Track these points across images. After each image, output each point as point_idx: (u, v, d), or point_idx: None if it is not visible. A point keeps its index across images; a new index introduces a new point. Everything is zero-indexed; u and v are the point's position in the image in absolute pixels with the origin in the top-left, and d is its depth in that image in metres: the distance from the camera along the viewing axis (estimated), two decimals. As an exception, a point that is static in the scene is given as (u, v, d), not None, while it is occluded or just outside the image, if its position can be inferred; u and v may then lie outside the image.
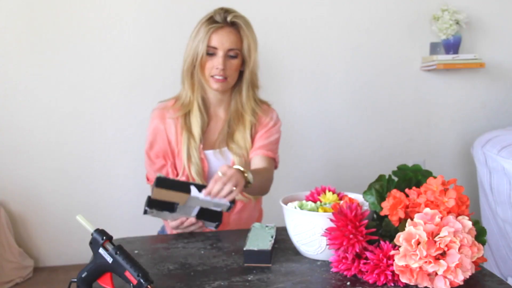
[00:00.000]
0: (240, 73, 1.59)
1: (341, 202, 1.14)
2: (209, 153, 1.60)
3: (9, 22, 2.70)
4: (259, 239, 1.17)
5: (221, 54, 1.50)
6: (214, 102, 1.62)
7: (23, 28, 2.71)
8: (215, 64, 1.50)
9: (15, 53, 2.72)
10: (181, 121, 1.58)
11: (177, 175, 1.59)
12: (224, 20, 1.52)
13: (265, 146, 1.63)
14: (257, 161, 1.60)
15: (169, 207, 1.34)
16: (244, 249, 1.13)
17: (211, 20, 1.52)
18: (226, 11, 1.53)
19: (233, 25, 1.53)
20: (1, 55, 2.71)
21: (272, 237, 1.19)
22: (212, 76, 1.52)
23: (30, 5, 2.68)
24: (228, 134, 1.60)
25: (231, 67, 1.52)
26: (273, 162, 1.66)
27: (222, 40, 1.50)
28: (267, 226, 1.28)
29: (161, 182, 1.30)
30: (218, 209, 1.34)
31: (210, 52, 1.51)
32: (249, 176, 1.41)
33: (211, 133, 1.61)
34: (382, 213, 1.01)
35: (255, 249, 1.11)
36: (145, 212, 1.37)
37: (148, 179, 1.68)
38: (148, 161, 1.63)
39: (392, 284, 0.96)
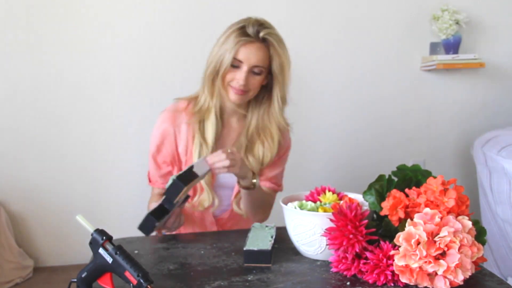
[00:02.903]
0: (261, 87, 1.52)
1: (341, 202, 1.14)
2: None
3: (9, 21, 2.70)
4: (259, 239, 1.17)
5: (245, 69, 1.41)
6: (229, 111, 1.55)
7: (24, 27, 2.71)
8: (237, 77, 1.43)
9: (13, 53, 2.72)
10: (195, 127, 1.51)
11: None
12: (256, 35, 1.42)
13: (273, 178, 1.61)
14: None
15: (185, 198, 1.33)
16: (244, 249, 1.13)
17: (242, 31, 1.42)
18: (260, 25, 1.44)
19: (264, 41, 1.43)
20: None
21: (272, 237, 1.19)
22: (231, 86, 1.45)
23: (29, 3, 2.68)
24: (246, 147, 1.54)
25: (253, 83, 1.45)
26: (277, 191, 1.66)
27: (249, 55, 1.41)
28: (267, 226, 1.28)
29: (183, 179, 1.24)
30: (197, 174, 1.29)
31: (235, 65, 1.42)
32: (257, 180, 1.43)
33: (223, 142, 1.55)
34: (382, 213, 1.01)
35: (255, 249, 1.11)
36: (153, 229, 1.25)
37: (150, 181, 1.64)
38: (154, 165, 1.58)
39: (392, 284, 0.96)
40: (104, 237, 0.94)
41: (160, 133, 1.54)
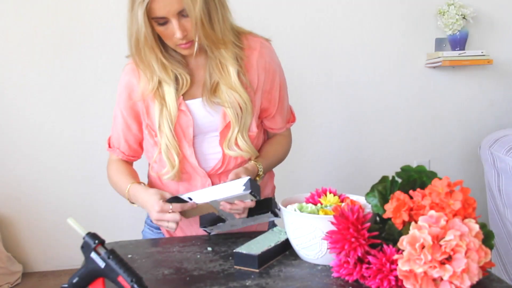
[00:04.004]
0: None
1: (343, 204, 1.14)
2: (193, 102, 1.41)
3: (11, 23, 2.71)
4: (260, 243, 1.18)
5: (173, 21, 1.28)
6: (191, 58, 1.43)
7: (22, 29, 2.72)
8: (170, 34, 1.30)
9: (5, 53, 2.72)
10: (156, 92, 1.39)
11: (156, 135, 1.42)
12: None
13: (277, 122, 1.53)
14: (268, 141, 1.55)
15: (216, 218, 1.36)
16: (234, 251, 1.14)
17: None
18: None
19: None
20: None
21: (275, 242, 1.19)
22: (175, 44, 1.33)
23: (31, 5, 2.69)
24: (211, 86, 1.40)
25: (189, 27, 1.29)
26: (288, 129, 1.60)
27: (165, 5, 1.25)
28: (285, 233, 1.25)
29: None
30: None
31: (161, 22, 1.28)
32: (261, 177, 1.43)
33: (194, 84, 1.43)
34: (385, 216, 1.01)
35: (244, 252, 1.12)
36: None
37: (109, 146, 1.58)
38: (120, 123, 1.49)
39: (396, 290, 0.97)
40: (97, 241, 0.94)
41: (124, 85, 1.45)
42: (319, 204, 1.20)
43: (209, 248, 1.27)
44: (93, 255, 0.93)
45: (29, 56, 2.74)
